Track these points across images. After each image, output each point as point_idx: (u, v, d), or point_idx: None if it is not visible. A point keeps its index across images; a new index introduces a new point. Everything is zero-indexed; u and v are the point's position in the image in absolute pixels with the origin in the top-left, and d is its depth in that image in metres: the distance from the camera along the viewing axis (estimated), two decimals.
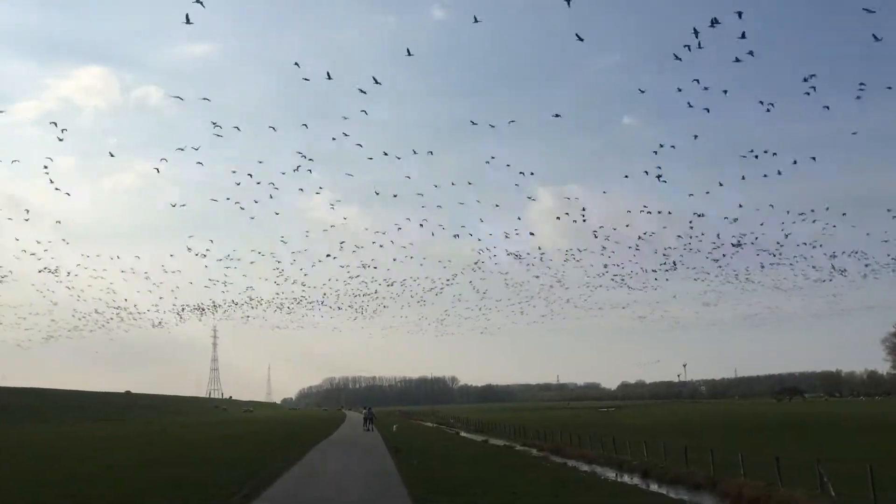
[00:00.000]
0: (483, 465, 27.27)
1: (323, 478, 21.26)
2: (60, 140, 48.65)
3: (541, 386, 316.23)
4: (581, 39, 32.45)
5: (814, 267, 72.92)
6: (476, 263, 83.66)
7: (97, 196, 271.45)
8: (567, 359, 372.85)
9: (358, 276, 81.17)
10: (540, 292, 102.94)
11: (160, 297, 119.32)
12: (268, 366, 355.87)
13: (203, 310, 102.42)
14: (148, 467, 24.07)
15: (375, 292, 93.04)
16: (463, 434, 60.34)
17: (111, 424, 65.41)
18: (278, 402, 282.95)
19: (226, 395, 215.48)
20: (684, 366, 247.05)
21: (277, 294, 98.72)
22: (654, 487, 24.38)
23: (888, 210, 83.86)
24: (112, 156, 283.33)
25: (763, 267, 76.09)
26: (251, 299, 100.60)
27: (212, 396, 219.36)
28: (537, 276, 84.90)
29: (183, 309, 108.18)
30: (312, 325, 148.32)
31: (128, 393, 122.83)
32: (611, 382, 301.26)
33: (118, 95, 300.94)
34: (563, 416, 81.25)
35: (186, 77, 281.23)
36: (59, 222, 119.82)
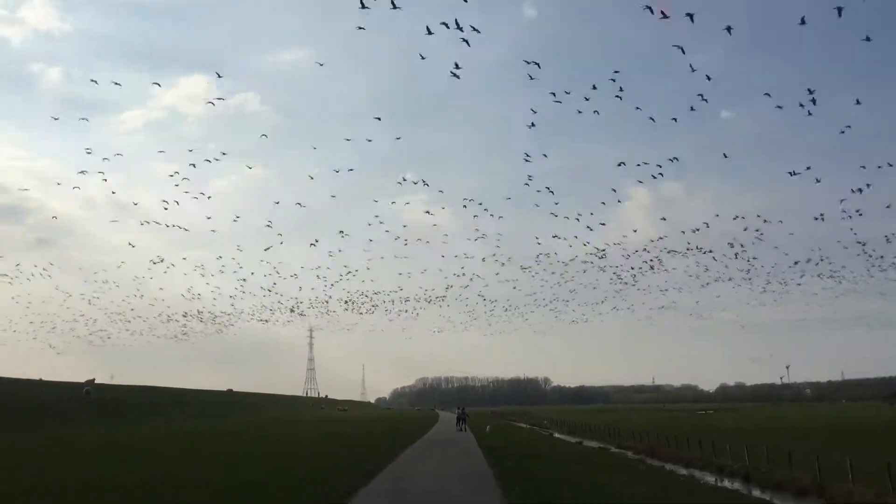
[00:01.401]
0: (578, 467, 27.13)
1: (419, 475, 21.68)
2: (161, 152, 50.99)
3: (635, 388, 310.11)
4: (680, 48, 31.53)
5: None
6: (569, 263, 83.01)
7: (199, 200, 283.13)
8: (663, 360, 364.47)
9: (454, 278, 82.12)
10: (626, 291, 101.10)
11: (262, 297, 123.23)
12: (362, 366, 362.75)
13: (299, 309, 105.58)
14: (254, 462, 25.06)
15: (466, 297, 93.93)
16: (556, 435, 60.02)
17: (216, 421, 68.12)
18: (372, 401, 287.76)
19: (322, 395, 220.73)
20: (787, 367, 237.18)
21: (375, 293, 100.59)
22: (756, 493, 23.72)
23: None
24: (213, 161, 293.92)
25: (869, 271, 72.91)
26: (347, 300, 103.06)
27: (308, 395, 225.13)
28: (633, 275, 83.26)
29: (283, 310, 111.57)
30: (406, 326, 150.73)
31: (229, 391, 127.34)
32: (709, 384, 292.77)
33: (218, 102, 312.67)
34: (658, 419, 79.58)
35: (282, 82, 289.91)
36: (167, 226, 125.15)
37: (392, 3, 25.81)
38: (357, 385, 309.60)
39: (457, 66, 31.86)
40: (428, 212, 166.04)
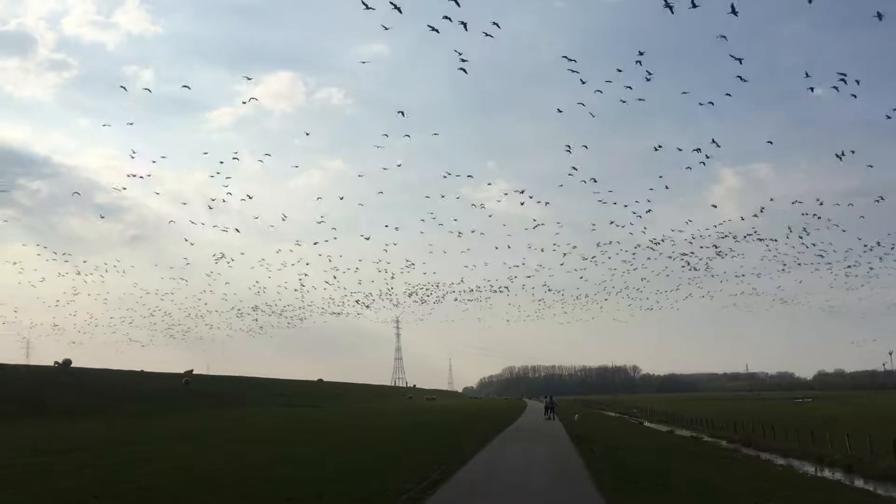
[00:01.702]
0: (669, 455, 26.78)
1: (509, 462, 21.89)
2: (248, 149, 52.54)
3: (728, 375, 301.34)
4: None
5: None
6: (655, 245, 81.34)
7: (286, 195, 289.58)
8: (758, 347, 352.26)
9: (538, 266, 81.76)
10: (725, 277, 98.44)
11: (359, 289, 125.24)
12: (449, 355, 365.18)
13: (366, 301, 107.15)
14: (347, 450, 25.77)
15: (547, 287, 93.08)
16: (647, 424, 59.19)
17: (310, 411, 70.04)
18: (459, 390, 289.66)
19: (410, 384, 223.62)
20: (891, 354, 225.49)
21: (460, 282, 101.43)
22: (859, 483, 22.90)
23: None
24: (297, 154, 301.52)
25: None
26: (433, 289, 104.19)
27: (396, 385, 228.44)
28: (723, 259, 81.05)
29: (368, 300, 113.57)
30: (492, 315, 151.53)
31: (320, 381, 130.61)
32: (806, 371, 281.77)
33: (303, 98, 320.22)
34: (752, 407, 77.26)
35: (365, 76, 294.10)
36: (257, 218, 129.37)
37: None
38: (444, 374, 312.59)
39: (462, 60, 32.09)
40: (499, 201, 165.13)
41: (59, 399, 50.72)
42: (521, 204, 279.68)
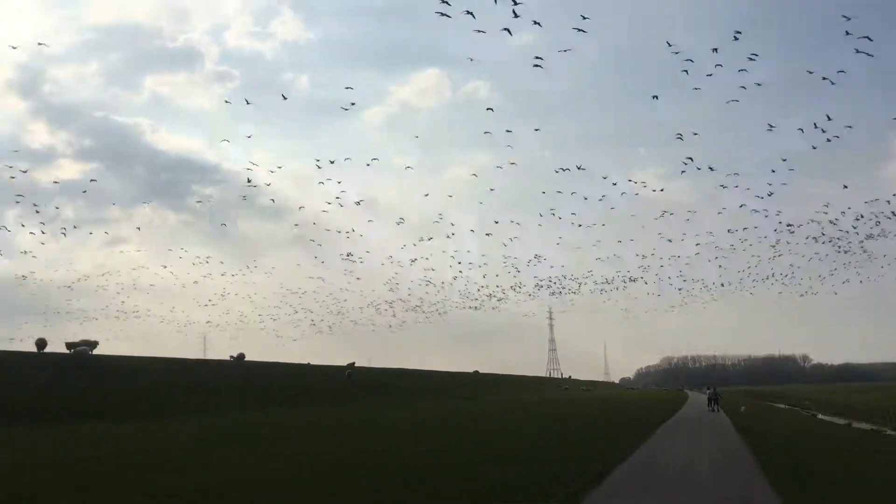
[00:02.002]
0: (846, 450, 25.16)
1: (674, 453, 21.46)
2: (397, 147, 53.98)
3: None
4: None
5: None
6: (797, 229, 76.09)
7: (436, 189, 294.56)
8: None
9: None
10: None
11: (512, 280, 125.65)
12: (604, 345, 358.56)
13: (542, 290, 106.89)
14: (512, 438, 26.11)
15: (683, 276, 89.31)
16: (820, 417, 55.72)
17: (468, 402, 71.22)
18: (616, 381, 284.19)
19: (564, 375, 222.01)
20: None
21: (617, 273, 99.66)
22: None
23: None
24: (445, 150, 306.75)
25: None
26: (586, 277, 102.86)
27: (551, 376, 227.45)
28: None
29: (518, 290, 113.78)
30: (637, 305, 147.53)
31: (476, 373, 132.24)
32: None
33: (449, 94, 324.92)
34: None
35: (509, 69, 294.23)
36: (402, 218, 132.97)
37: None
38: (599, 365, 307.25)
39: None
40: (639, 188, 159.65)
41: (235, 391, 54.51)
42: (661, 190, 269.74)
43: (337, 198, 72.63)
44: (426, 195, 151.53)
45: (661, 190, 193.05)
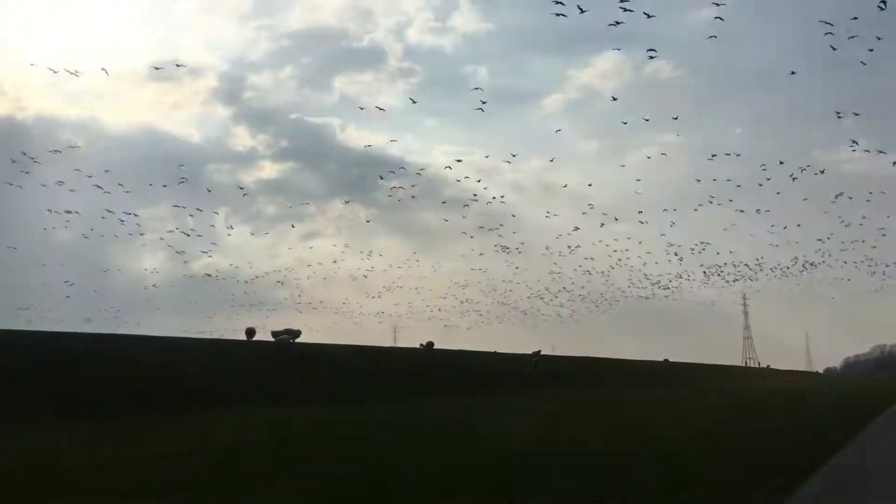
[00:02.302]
0: None
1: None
2: (580, 132, 52.35)
3: None
4: None
5: None
6: None
7: (620, 174, 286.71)
8: None
9: None
10: None
11: (692, 266, 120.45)
12: (805, 333, 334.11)
13: (734, 276, 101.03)
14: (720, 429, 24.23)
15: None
16: None
17: (663, 392, 68.41)
18: (819, 371, 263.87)
19: (762, 365, 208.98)
20: None
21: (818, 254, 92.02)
22: None
23: None
24: (630, 133, 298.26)
25: None
26: (790, 264, 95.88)
27: (748, 365, 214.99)
28: None
29: (712, 276, 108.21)
30: (848, 289, 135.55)
31: (665, 361, 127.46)
32: None
33: (630, 75, 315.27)
34: None
35: (692, 45, 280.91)
36: (591, 206, 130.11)
37: None
38: (801, 354, 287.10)
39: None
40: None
41: (426, 377, 55.54)
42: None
43: (517, 186, 72.02)
44: (610, 180, 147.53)
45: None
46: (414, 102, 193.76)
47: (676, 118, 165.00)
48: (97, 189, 58.98)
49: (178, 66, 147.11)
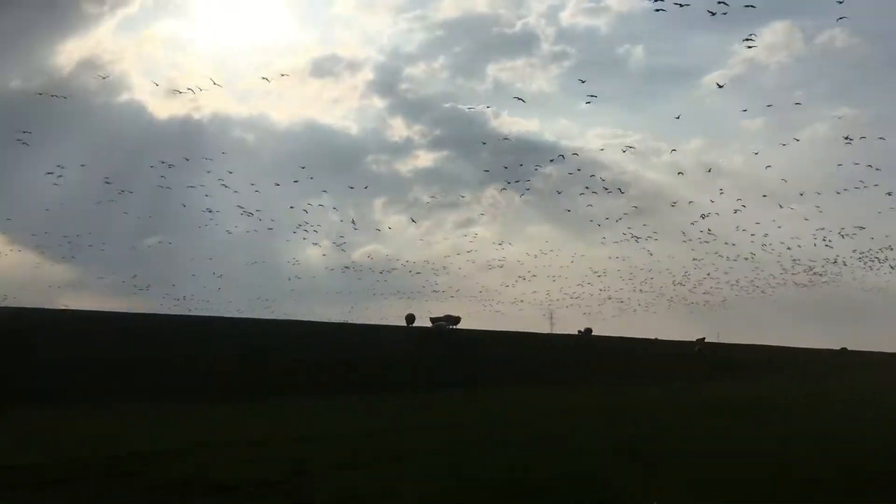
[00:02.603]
0: None
1: None
2: (744, 111, 48.45)
3: None
4: None
5: None
6: None
7: (786, 152, 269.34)
8: None
9: None
10: None
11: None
12: None
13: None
14: None
15: None
16: None
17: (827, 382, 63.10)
18: None
19: None
20: None
21: None
22: None
23: None
24: (798, 108, 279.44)
25: None
26: None
27: None
28: None
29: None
30: None
31: (843, 350, 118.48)
32: None
33: (802, 46, 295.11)
34: None
35: (871, 9, 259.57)
36: (756, 183, 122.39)
37: None
38: None
39: None
40: None
41: (580, 365, 53.92)
42: None
43: (680, 173, 68.51)
44: (775, 159, 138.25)
45: None
46: (582, 82, 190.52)
47: (846, 92, 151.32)
48: (264, 182, 61.37)
49: (336, 61, 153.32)
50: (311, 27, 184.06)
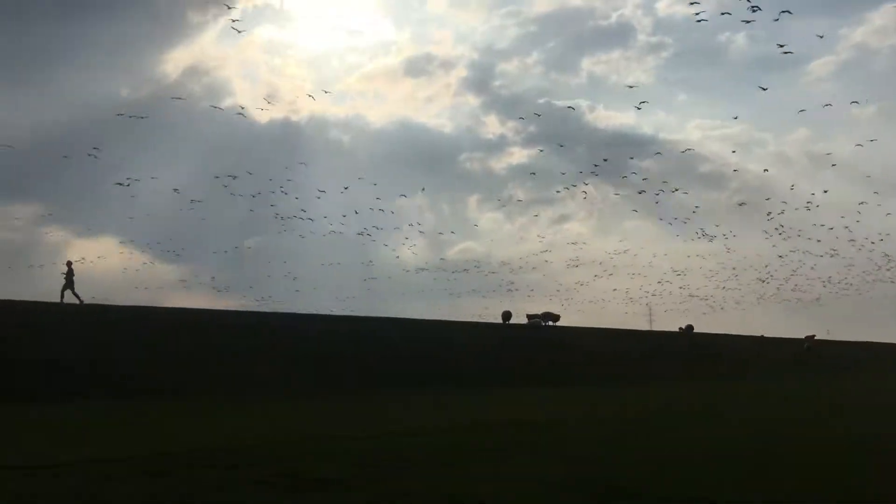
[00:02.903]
0: None
1: None
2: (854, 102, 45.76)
3: None
4: None
5: None
6: None
7: None
8: None
9: None
10: None
11: None
12: None
13: None
14: None
15: None
16: None
17: None
18: None
19: None
20: None
21: None
22: None
23: None
24: None
25: None
26: None
27: None
28: None
29: None
30: None
31: None
32: None
33: None
34: None
35: None
36: (869, 176, 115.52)
37: None
38: None
39: None
40: None
41: (687, 361, 52.34)
42: None
43: (782, 159, 65.48)
44: (889, 149, 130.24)
45: None
46: (662, 76, 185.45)
47: None
48: (361, 181, 62.02)
49: (430, 60, 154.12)
50: (405, 26, 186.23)
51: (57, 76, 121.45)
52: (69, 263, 35.46)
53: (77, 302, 34.88)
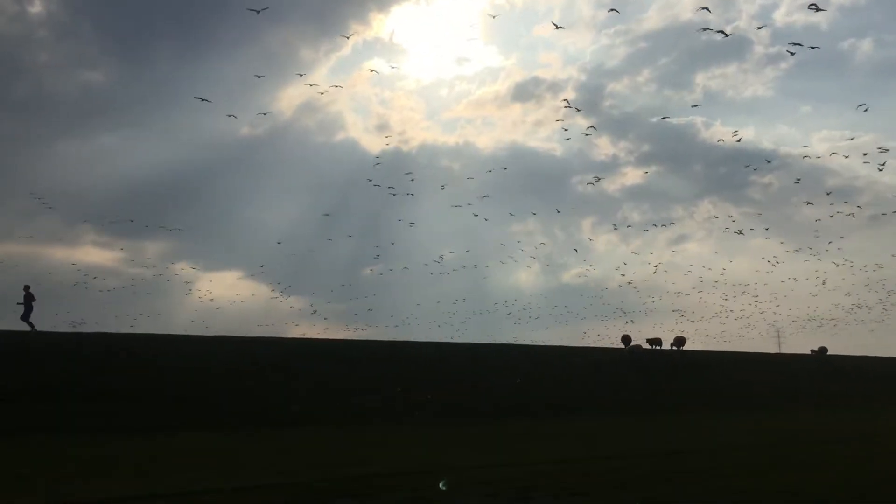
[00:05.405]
0: None
1: None
2: None
3: None
4: None
5: None
6: None
7: None
8: None
9: None
10: None
11: None
12: None
13: None
14: None
15: None
16: None
17: None
18: None
19: None
20: None
21: None
22: None
23: None
24: None
25: None
26: None
27: None
28: None
29: None
30: None
31: None
32: None
33: None
34: None
35: None
36: None
37: None
38: None
39: None
40: None
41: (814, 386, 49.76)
42: None
43: None
44: None
45: None
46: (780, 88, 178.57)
47: None
48: (471, 208, 62.51)
49: (538, 83, 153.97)
50: (512, 51, 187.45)
51: (176, 116, 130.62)
52: (27, 288, 33.60)
53: (28, 329, 33.17)
